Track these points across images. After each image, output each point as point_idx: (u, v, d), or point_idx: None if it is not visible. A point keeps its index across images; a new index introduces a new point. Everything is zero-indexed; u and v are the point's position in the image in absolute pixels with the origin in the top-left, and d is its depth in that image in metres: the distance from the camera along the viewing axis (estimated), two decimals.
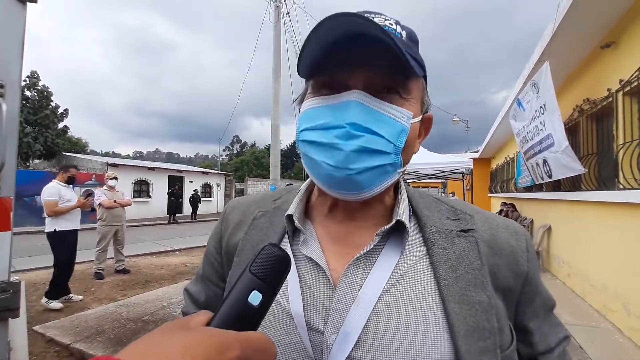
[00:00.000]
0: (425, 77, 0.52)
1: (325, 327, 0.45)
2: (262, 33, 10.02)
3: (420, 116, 0.51)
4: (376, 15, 0.49)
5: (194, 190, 18.68)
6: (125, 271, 5.91)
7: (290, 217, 0.53)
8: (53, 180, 4.44)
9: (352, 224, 0.53)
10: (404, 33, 0.49)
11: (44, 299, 4.18)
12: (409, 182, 8.95)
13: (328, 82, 0.48)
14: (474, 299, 0.45)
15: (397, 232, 0.50)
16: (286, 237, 0.55)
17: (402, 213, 0.50)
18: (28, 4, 1.17)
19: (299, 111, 0.55)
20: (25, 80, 19.08)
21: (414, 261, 0.48)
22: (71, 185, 4.36)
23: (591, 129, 4.55)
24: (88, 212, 4.80)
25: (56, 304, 4.16)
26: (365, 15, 0.47)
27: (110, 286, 5.18)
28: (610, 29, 3.89)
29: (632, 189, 3.19)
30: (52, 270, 4.23)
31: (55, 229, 4.23)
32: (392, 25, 0.48)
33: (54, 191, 4.20)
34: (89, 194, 4.38)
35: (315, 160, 0.47)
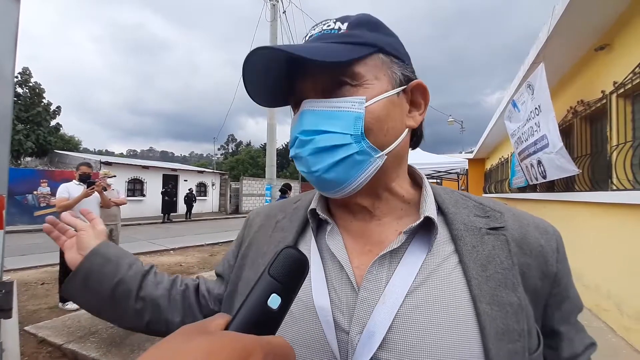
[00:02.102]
0: (385, 51, 0.49)
1: (351, 326, 0.44)
2: (259, 32, 10.00)
3: (392, 91, 0.48)
4: (317, 26, 0.53)
5: (189, 189, 18.56)
6: None
7: (313, 210, 0.54)
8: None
9: (371, 220, 0.53)
10: (344, 25, 0.50)
11: (60, 303, 4.12)
12: None
13: (294, 103, 0.53)
14: (504, 300, 0.44)
15: (424, 229, 0.48)
16: (308, 232, 0.55)
17: (429, 209, 0.49)
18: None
19: None
20: (17, 77, 18.77)
21: (442, 259, 0.47)
22: (83, 184, 4.22)
23: (585, 131, 4.60)
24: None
25: (72, 305, 4.08)
26: (310, 28, 0.54)
27: None
28: (605, 32, 3.93)
29: (626, 190, 3.23)
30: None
31: None
32: (330, 26, 0.51)
33: (63, 189, 4.15)
34: (91, 183, 4.23)
35: (300, 170, 0.52)
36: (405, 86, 0.51)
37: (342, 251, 0.50)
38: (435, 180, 15.15)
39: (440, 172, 8.96)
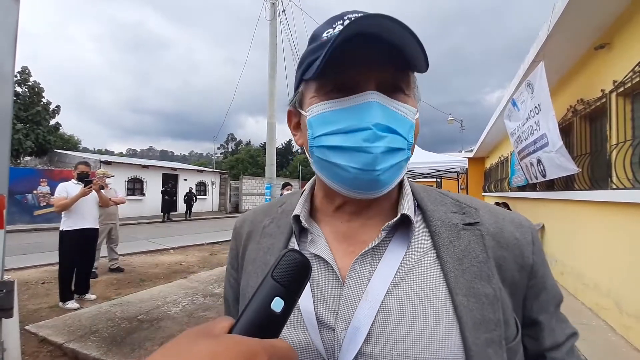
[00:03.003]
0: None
1: (336, 323, 0.46)
2: (258, 30, 9.98)
3: (417, 110, 0.52)
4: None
5: (189, 189, 18.57)
6: (119, 270, 5.86)
7: (296, 217, 0.54)
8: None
9: (358, 221, 0.53)
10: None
11: (60, 303, 4.13)
12: None
13: (341, 84, 0.47)
14: (480, 292, 0.45)
15: (403, 226, 0.50)
16: (293, 238, 0.55)
17: (407, 207, 0.51)
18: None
19: (296, 116, 0.56)
20: (16, 76, 18.69)
21: (421, 255, 0.49)
22: (82, 183, 4.21)
23: (585, 130, 4.60)
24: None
25: (72, 305, 4.10)
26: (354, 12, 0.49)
27: (104, 285, 5.13)
28: (605, 30, 3.92)
29: (625, 188, 3.23)
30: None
31: (62, 229, 4.17)
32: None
33: (62, 189, 4.15)
34: (88, 181, 4.23)
35: (338, 164, 0.47)
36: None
37: (327, 252, 0.51)
38: (434, 180, 15.15)
39: (440, 171, 8.96)
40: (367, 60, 0.46)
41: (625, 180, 3.24)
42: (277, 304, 0.34)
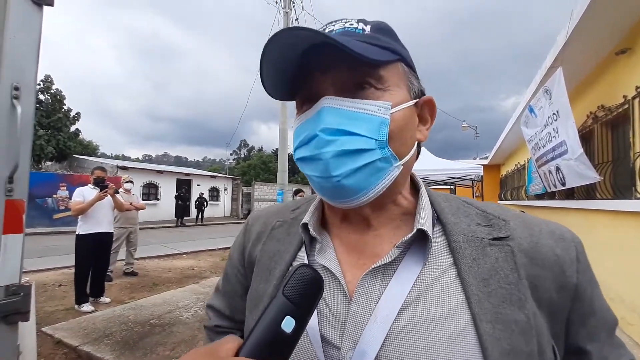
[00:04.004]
0: (406, 61, 0.49)
1: (342, 342, 0.43)
2: None
3: (410, 102, 0.48)
4: (337, 22, 0.49)
5: (200, 194, 18.81)
6: (133, 274, 5.94)
7: (305, 225, 0.52)
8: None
9: (367, 231, 0.50)
10: (367, 27, 0.48)
11: (75, 305, 4.20)
12: None
13: (305, 97, 0.48)
14: (509, 318, 0.40)
15: (419, 240, 0.46)
16: (303, 249, 0.53)
17: (424, 220, 0.47)
18: (44, 7, 1.18)
19: None
20: (39, 84, 19.51)
21: (439, 273, 0.44)
22: (98, 188, 4.31)
23: (606, 137, 4.45)
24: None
25: (87, 307, 4.16)
26: (327, 24, 0.50)
27: (118, 288, 5.20)
28: (625, 35, 3.81)
29: None
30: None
31: (78, 233, 4.26)
32: (352, 24, 0.48)
33: (78, 193, 4.25)
34: (104, 186, 4.32)
35: (308, 175, 0.48)
36: (417, 99, 0.51)
37: (335, 263, 0.48)
38: (448, 187, 14.94)
39: (454, 178, 8.81)
40: (321, 66, 0.45)
41: None
42: (288, 324, 0.32)
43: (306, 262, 0.51)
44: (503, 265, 0.43)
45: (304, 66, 0.46)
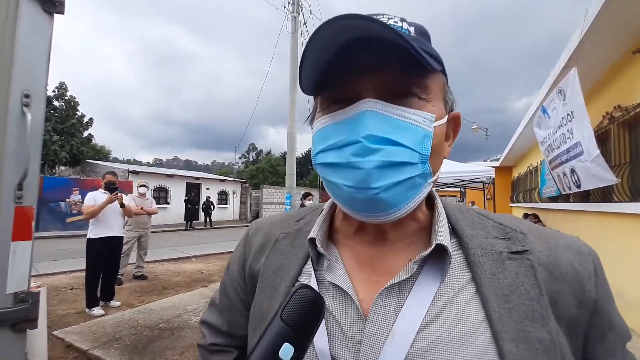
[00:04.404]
0: (444, 72, 0.47)
1: None
2: (280, 43, 10.18)
3: (446, 117, 0.46)
4: (378, 16, 0.44)
5: (207, 197, 18.98)
6: (142, 277, 5.99)
7: (312, 240, 0.48)
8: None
9: (382, 245, 0.48)
10: (412, 29, 0.44)
11: (86, 309, 4.25)
12: None
13: (337, 96, 0.43)
14: (532, 336, 0.38)
15: (436, 255, 0.43)
16: (309, 263, 0.50)
17: (442, 234, 0.44)
18: (55, 15, 1.18)
19: (312, 130, 0.51)
20: (54, 91, 20.02)
21: (458, 289, 0.42)
22: (109, 192, 4.35)
23: (623, 137, 4.33)
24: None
25: (98, 311, 4.20)
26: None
27: (128, 292, 5.25)
28: None
29: None
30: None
31: (89, 237, 4.32)
32: (397, 22, 0.43)
33: (90, 197, 4.32)
34: (114, 189, 4.36)
35: (334, 183, 0.43)
36: (450, 113, 0.48)
37: (346, 280, 0.45)
38: (458, 190, 14.75)
39: (464, 181, 8.68)
40: (365, 65, 0.41)
41: None
42: (286, 352, 0.30)
43: (313, 278, 0.48)
44: (524, 280, 0.41)
45: (341, 61, 0.41)
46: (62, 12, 1.21)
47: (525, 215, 8.43)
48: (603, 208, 4.40)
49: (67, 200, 13.21)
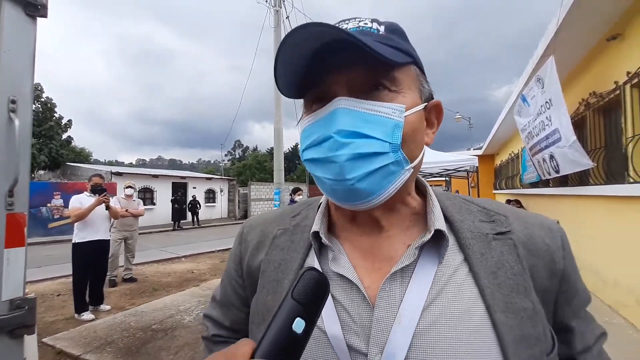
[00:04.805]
0: (417, 64, 0.50)
1: (368, 348, 0.43)
2: (263, 38, 10.07)
3: (421, 105, 0.48)
4: (351, 21, 0.49)
5: (192, 196, 18.74)
6: (132, 280, 5.91)
7: (316, 233, 0.51)
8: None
9: (379, 233, 0.51)
10: (381, 28, 0.48)
11: (75, 314, 4.17)
12: None
13: (317, 96, 0.47)
14: (518, 306, 0.43)
15: (432, 240, 0.47)
16: (311, 256, 0.53)
17: (438, 221, 0.48)
18: (38, 18, 1.16)
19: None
20: None
21: (453, 270, 0.46)
22: (95, 195, 4.26)
23: (598, 123, 4.51)
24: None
25: (87, 316, 4.14)
26: (340, 22, 0.49)
27: (118, 295, 5.18)
28: (616, 21, 3.86)
29: None
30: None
31: (74, 241, 4.22)
32: (367, 24, 0.48)
33: (75, 200, 4.22)
34: (102, 190, 4.29)
35: (318, 177, 0.47)
36: (427, 103, 0.51)
37: (352, 271, 0.48)
38: (443, 179, 15.01)
39: (449, 170, 8.86)
40: (337, 66, 0.45)
41: None
42: (299, 325, 0.34)
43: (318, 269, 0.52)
44: (508, 257, 0.46)
45: (317, 64, 0.45)
46: (45, 16, 1.18)
47: (508, 201, 8.67)
48: (580, 191, 4.59)
49: (49, 205, 12.81)
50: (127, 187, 5.77)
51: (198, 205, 18.32)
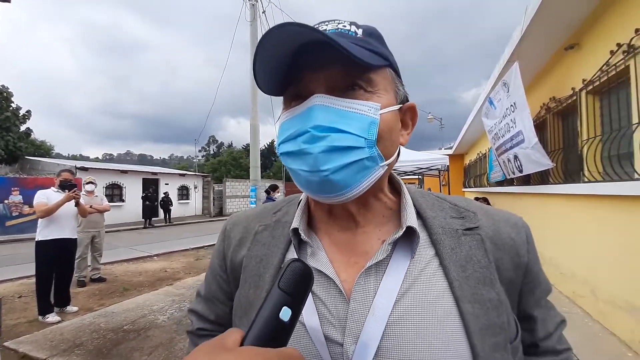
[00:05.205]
0: (393, 68, 0.52)
1: (344, 338, 0.46)
2: (239, 32, 9.88)
3: (396, 106, 0.51)
4: (330, 22, 0.50)
5: (164, 193, 18.15)
6: (100, 280, 5.67)
7: (295, 230, 0.53)
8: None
9: (355, 229, 0.53)
10: (359, 31, 0.50)
11: (39, 317, 3.95)
12: None
13: (295, 94, 0.49)
14: (484, 297, 0.46)
15: (405, 236, 0.50)
16: (291, 251, 0.54)
17: (410, 218, 0.51)
18: (1, 4, 1.11)
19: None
20: None
21: (424, 264, 0.49)
22: (66, 190, 4.04)
23: (557, 126, 4.81)
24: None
25: (53, 318, 3.93)
26: (320, 23, 0.51)
27: (86, 296, 4.96)
28: (574, 31, 4.12)
29: (597, 181, 3.41)
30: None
31: (38, 239, 3.99)
32: (345, 26, 0.50)
33: (42, 195, 3.99)
34: (72, 187, 4.07)
35: (293, 169, 0.49)
36: (402, 105, 0.53)
37: (329, 266, 0.50)
38: (417, 177, 15.44)
39: (421, 168, 9.13)
40: (315, 65, 0.47)
41: (596, 173, 3.42)
42: (285, 314, 0.35)
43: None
44: (476, 252, 0.49)
45: (296, 63, 0.47)
46: (8, 1, 1.14)
47: (477, 199, 9.06)
48: (542, 190, 4.89)
49: (6, 201, 11.96)
50: (87, 183, 5.40)
51: (170, 202, 17.77)
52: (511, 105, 4.72)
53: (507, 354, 0.46)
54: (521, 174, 5.17)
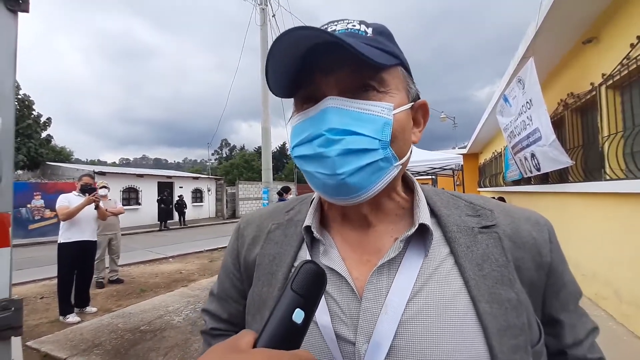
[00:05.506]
0: (404, 65, 0.52)
1: (356, 337, 0.45)
2: (249, 36, 9.99)
3: (408, 105, 0.50)
4: (339, 22, 0.50)
5: (179, 196, 18.46)
6: (118, 281, 5.81)
7: (308, 228, 0.53)
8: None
9: (367, 229, 0.52)
10: (369, 29, 0.49)
11: (60, 317, 4.08)
12: None
13: (307, 96, 0.49)
14: (503, 297, 0.44)
15: (418, 234, 0.49)
16: (304, 249, 0.54)
17: (423, 215, 0.50)
18: (19, 13, 1.14)
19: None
20: None
21: (439, 262, 0.48)
22: (86, 194, 4.21)
23: (576, 122, 4.67)
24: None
25: (73, 318, 4.04)
26: (329, 23, 0.50)
27: (104, 297, 5.08)
28: (591, 25, 4.00)
29: (619, 179, 3.29)
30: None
31: (60, 241, 4.14)
32: (355, 26, 0.49)
33: (64, 199, 4.16)
34: (92, 189, 4.26)
35: (309, 172, 0.48)
36: (414, 103, 0.53)
37: (341, 264, 0.50)
38: (430, 177, 15.23)
39: (435, 168, 9.01)
40: (327, 67, 0.46)
41: (618, 170, 3.29)
42: (298, 315, 0.35)
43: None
44: (493, 250, 0.48)
45: (307, 65, 0.47)
46: (26, 11, 1.17)
47: (492, 199, 8.88)
48: (560, 189, 4.75)
49: (29, 206, 12.42)
50: (101, 187, 5.61)
51: (185, 205, 18.07)
52: (527, 102, 4.61)
53: (527, 357, 0.43)
54: (539, 173, 5.04)
